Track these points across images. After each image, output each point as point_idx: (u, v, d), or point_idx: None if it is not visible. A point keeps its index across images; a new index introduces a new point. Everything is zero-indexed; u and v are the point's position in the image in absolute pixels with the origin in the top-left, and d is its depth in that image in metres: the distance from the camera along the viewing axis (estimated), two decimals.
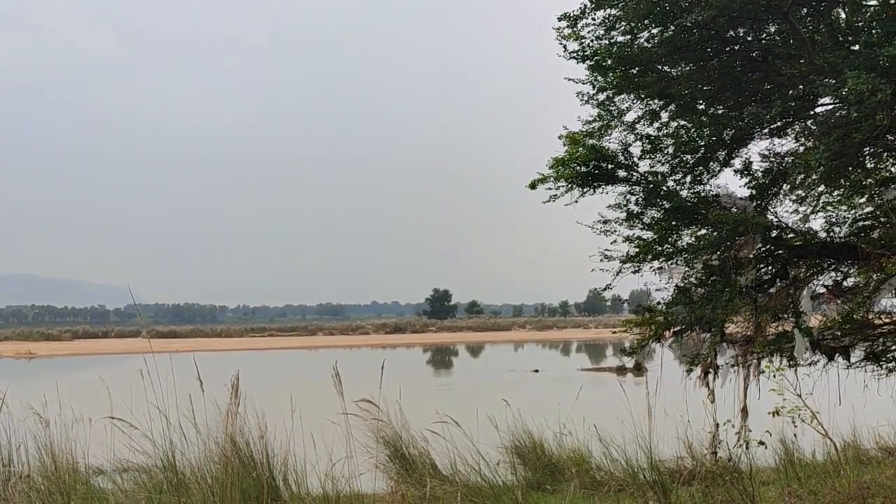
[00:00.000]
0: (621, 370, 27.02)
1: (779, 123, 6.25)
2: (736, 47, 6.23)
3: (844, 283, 6.94)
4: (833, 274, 6.93)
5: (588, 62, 6.31)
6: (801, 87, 5.76)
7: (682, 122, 6.55)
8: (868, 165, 6.18)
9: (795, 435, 8.41)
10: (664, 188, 6.47)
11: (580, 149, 6.22)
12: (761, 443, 7.34)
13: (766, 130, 6.39)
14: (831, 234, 6.84)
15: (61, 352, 62.48)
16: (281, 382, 18.00)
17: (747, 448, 7.20)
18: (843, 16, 6.00)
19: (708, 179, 6.78)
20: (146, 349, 7.41)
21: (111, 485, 8.08)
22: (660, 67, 6.28)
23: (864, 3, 5.63)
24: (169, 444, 7.42)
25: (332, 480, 7.98)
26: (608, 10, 6.11)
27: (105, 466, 8.68)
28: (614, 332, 8.39)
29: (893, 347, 7.10)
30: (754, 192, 6.64)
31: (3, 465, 7.70)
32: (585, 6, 6.14)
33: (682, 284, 6.63)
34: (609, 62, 6.24)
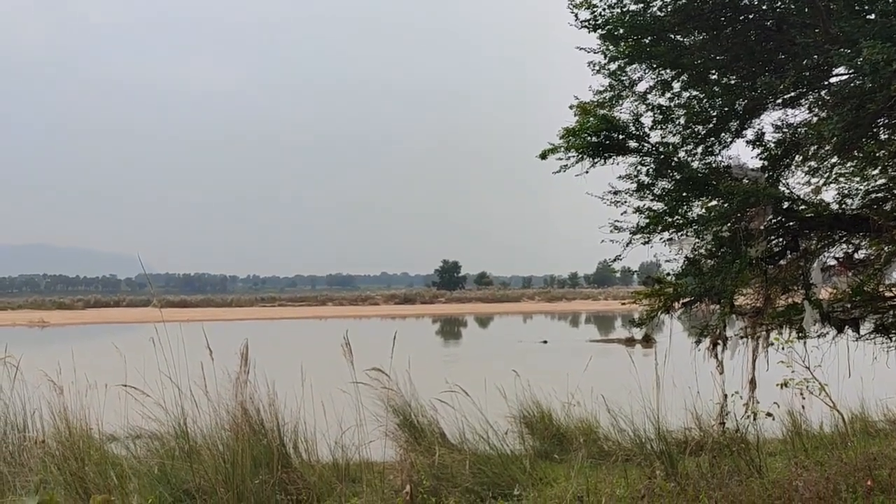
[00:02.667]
0: (630, 341, 27.12)
1: (792, 94, 6.18)
2: (750, 16, 6.14)
3: (856, 256, 6.91)
4: (844, 246, 6.90)
5: (600, 31, 6.24)
6: (815, 56, 5.69)
7: (695, 93, 6.48)
8: (882, 137, 6.11)
9: (803, 407, 8.44)
10: (675, 159, 6.43)
11: (591, 119, 6.18)
12: (769, 414, 7.37)
13: (779, 101, 6.32)
14: (843, 205, 6.79)
15: (74, 320, 63.06)
16: (291, 352, 18.14)
17: (755, 419, 7.23)
18: None
19: (719, 150, 6.72)
20: (157, 318, 7.47)
21: (124, 451, 8.20)
22: (672, 37, 6.20)
23: None
24: (181, 412, 7.51)
25: (341, 448, 8.08)
26: None
27: (118, 433, 8.81)
28: (623, 304, 8.40)
29: None
30: (766, 163, 6.58)
31: (18, 431, 7.82)
32: None
33: (691, 256, 6.61)
34: (621, 31, 6.16)
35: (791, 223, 6.51)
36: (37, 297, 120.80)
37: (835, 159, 6.72)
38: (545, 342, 35.01)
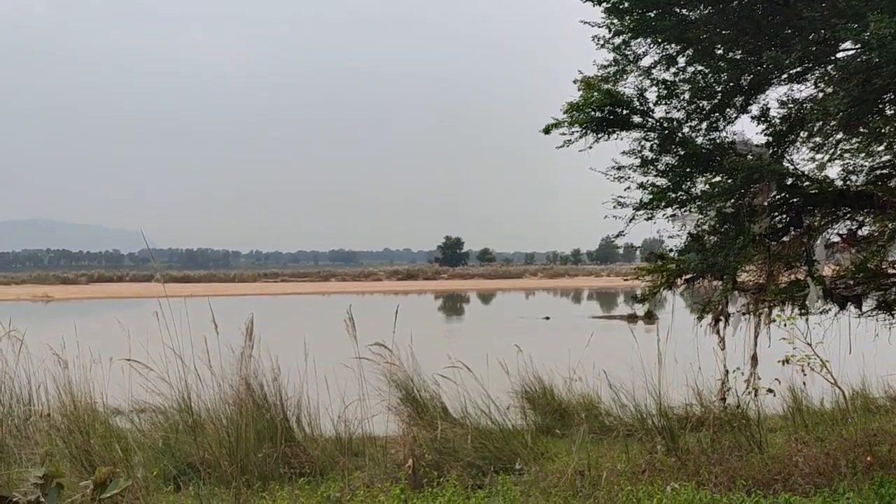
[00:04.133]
0: (632, 318, 27.13)
1: (798, 69, 6.13)
2: None
3: (859, 232, 6.89)
4: (848, 223, 6.87)
5: (604, 4, 6.18)
6: (822, 31, 5.63)
7: (700, 68, 6.43)
8: (888, 112, 6.07)
9: (805, 383, 8.45)
10: (679, 134, 6.39)
11: (595, 94, 6.13)
12: (770, 390, 7.39)
13: (784, 76, 6.27)
14: (848, 182, 6.76)
15: (77, 295, 63.24)
16: (294, 327, 18.21)
17: (756, 395, 7.25)
18: None
19: (724, 126, 6.68)
20: (161, 293, 7.49)
21: (129, 425, 8.26)
22: (678, 10, 6.14)
23: None
24: (184, 386, 7.55)
25: (344, 422, 8.13)
26: None
27: (123, 407, 8.86)
28: (626, 280, 8.40)
29: None
30: (771, 139, 6.55)
31: (23, 405, 7.87)
32: None
33: (694, 232, 6.59)
34: (626, 4, 6.10)
35: (795, 199, 6.49)
36: (40, 271, 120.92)
37: (840, 135, 6.68)
38: (547, 318, 35.07)
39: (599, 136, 6.29)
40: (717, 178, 6.26)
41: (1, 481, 6.07)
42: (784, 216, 6.64)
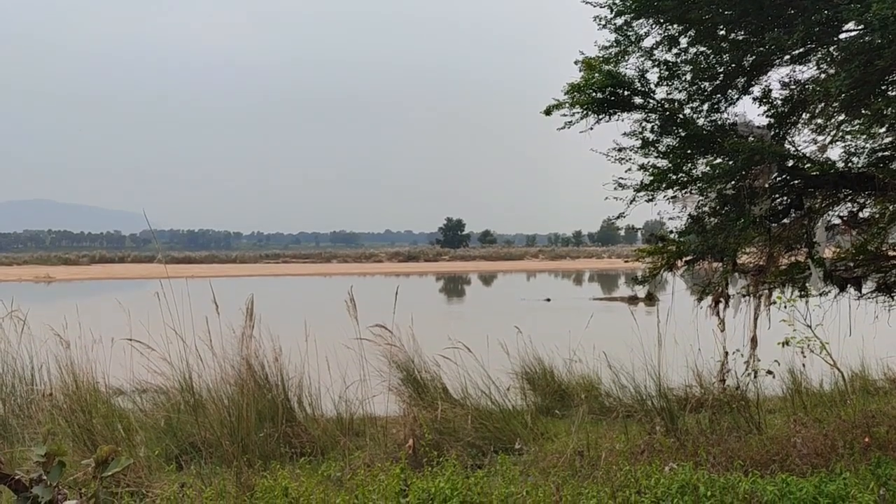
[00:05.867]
0: (633, 300, 27.15)
1: (801, 49, 6.09)
2: None
3: (860, 215, 6.87)
4: (849, 205, 6.86)
5: None
6: (825, 11, 5.60)
7: (702, 48, 6.39)
8: (890, 94, 6.03)
9: (804, 365, 8.49)
10: (680, 116, 6.37)
11: (596, 74, 6.11)
12: (769, 372, 7.41)
13: (787, 57, 6.24)
14: (849, 164, 6.74)
15: (79, 276, 63.37)
16: (296, 308, 18.24)
17: (755, 377, 7.28)
18: None
19: (726, 107, 6.65)
20: (162, 274, 7.51)
21: (131, 405, 8.31)
22: None
23: None
24: (186, 366, 7.59)
25: (345, 403, 8.18)
26: None
27: (125, 387, 8.91)
28: (626, 262, 8.41)
29: None
30: (772, 120, 6.52)
31: (26, 385, 7.91)
32: None
33: (695, 213, 6.59)
34: None
35: (796, 181, 6.48)
36: (42, 252, 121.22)
37: (842, 117, 6.65)
38: (548, 300, 35.11)
39: (600, 117, 6.27)
40: (718, 160, 6.25)
41: (4, 460, 6.13)
42: (785, 198, 6.62)
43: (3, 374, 7.90)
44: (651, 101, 6.33)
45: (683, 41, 6.41)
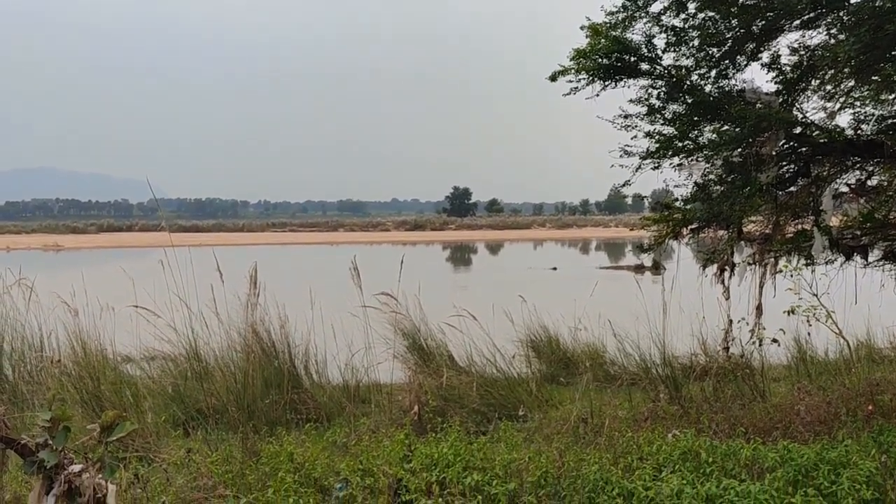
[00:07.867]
0: (639, 268, 27.11)
1: (811, 14, 5.99)
2: None
3: (868, 183, 6.82)
4: (857, 173, 6.80)
5: None
6: None
7: (710, 13, 6.29)
8: None
9: (809, 334, 8.48)
10: (688, 82, 6.29)
11: (603, 40, 6.03)
12: (774, 340, 7.42)
13: (797, 21, 6.14)
14: (858, 131, 6.67)
15: (87, 244, 63.63)
16: (302, 276, 18.29)
17: (760, 345, 7.29)
18: None
19: (733, 74, 6.56)
20: (169, 243, 7.53)
21: (139, 372, 8.39)
22: None
23: None
24: (192, 334, 7.65)
25: (351, 370, 8.24)
26: None
27: (133, 354, 8.99)
28: (633, 230, 8.40)
29: None
30: (781, 87, 6.44)
31: (35, 351, 7.99)
32: None
33: (701, 181, 6.54)
34: None
35: (803, 149, 6.41)
36: (50, 221, 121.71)
37: (851, 83, 6.57)
38: (555, 269, 35.12)
39: (606, 83, 6.20)
40: (725, 127, 6.19)
41: (14, 425, 6.20)
42: (792, 165, 6.56)
43: (13, 340, 7.97)
44: (658, 67, 6.25)
45: (692, 6, 6.32)
